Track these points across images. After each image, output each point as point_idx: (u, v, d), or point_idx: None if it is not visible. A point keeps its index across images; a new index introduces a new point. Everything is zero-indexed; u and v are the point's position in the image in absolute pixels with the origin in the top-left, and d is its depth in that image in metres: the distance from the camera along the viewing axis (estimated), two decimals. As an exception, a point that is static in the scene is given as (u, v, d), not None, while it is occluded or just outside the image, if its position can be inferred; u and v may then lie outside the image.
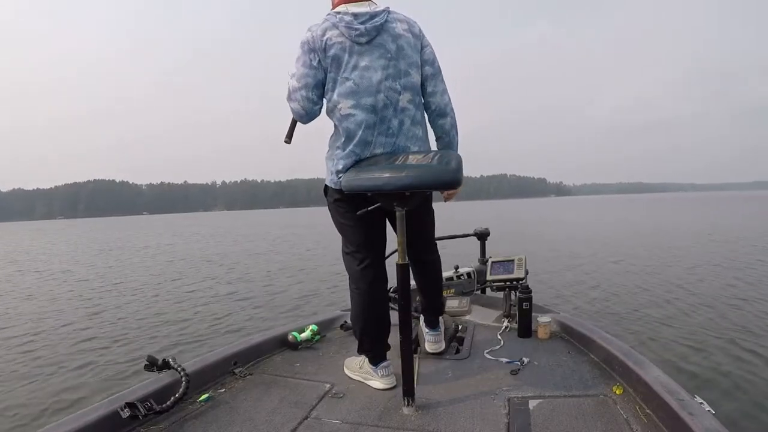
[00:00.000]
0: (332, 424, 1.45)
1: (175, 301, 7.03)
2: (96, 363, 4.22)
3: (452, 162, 1.43)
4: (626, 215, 29.56)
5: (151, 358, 1.66)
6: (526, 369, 1.79)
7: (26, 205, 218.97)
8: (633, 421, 1.34)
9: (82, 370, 4.04)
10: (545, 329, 2.12)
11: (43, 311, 6.71)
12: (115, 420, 1.35)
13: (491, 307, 2.54)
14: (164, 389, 1.55)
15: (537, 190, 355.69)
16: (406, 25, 1.65)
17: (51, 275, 10.95)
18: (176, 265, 11.62)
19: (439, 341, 1.99)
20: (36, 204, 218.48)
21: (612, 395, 1.51)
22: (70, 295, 8.02)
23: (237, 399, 1.63)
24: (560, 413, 1.42)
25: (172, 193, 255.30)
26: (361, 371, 1.77)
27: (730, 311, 4.92)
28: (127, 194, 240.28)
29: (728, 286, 6.19)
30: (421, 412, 1.49)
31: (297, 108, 1.65)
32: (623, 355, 1.64)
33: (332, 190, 1.69)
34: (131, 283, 9.07)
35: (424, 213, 1.82)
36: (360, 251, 1.73)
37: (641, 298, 5.69)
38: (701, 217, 23.52)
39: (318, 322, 2.32)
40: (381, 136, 1.60)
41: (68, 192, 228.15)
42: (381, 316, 1.75)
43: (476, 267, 3.00)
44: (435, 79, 1.70)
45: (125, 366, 4.10)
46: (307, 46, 1.59)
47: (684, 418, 1.18)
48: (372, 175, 1.45)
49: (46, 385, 3.74)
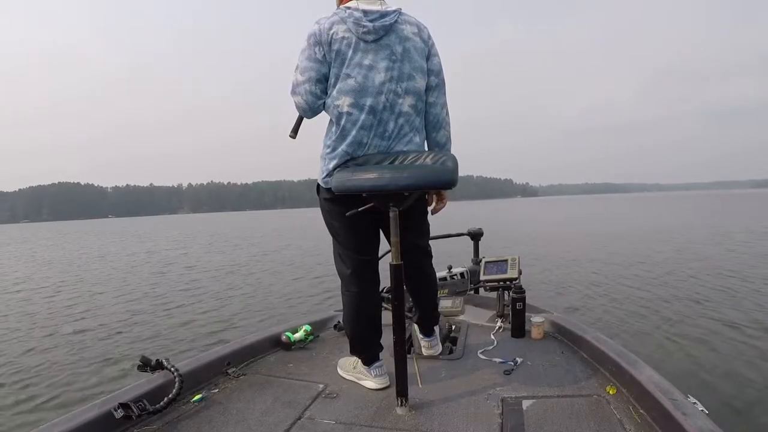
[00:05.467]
0: (326, 424, 1.44)
1: (168, 302, 6.98)
2: (89, 363, 4.18)
3: (449, 162, 1.43)
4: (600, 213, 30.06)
5: (145, 359, 1.66)
6: (520, 369, 1.79)
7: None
8: (626, 421, 1.35)
9: (75, 371, 3.99)
10: (538, 329, 2.13)
11: (37, 312, 6.65)
12: (109, 420, 1.34)
13: (484, 307, 2.55)
14: (157, 390, 1.54)
15: (503, 191, 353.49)
16: (416, 28, 1.62)
17: (50, 277, 10.84)
18: (167, 267, 11.54)
19: (435, 345, 1.99)
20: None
21: (605, 395, 1.52)
22: (62, 297, 7.96)
23: (230, 399, 1.63)
24: (553, 413, 1.42)
25: (137, 196, 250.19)
26: (354, 371, 1.77)
27: (723, 309, 4.96)
28: (92, 197, 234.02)
29: (721, 284, 6.25)
30: (415, 412, 1.49)
31: (300, 102, 1.61)
32: (616, 355, 1.65)
33: (324, 190, 1.64)
34: (124, 285, 9.00)
35: (420, 216, 1.78)
36: (351, 253, 1.70)
37: (634, 298, 5.72)
38: (677, 215, 24.09)
39: (311, 322, 2.32)
40: (377, 138, 1.56)
41: (32, 195, 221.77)
42: (373, 318, 1.74)
43: (469, 267, 3.00)
44: (438, 90, 1.67)
45: (118, 366, 4.07)
46: (313, 39, 1.55)
47: (677, 417, 1.19)
48: (371, 175, 1.42)
49: (40, 386, 3.69)
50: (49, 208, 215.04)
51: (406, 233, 1.54)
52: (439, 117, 1.68)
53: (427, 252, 1.86)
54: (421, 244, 1.83)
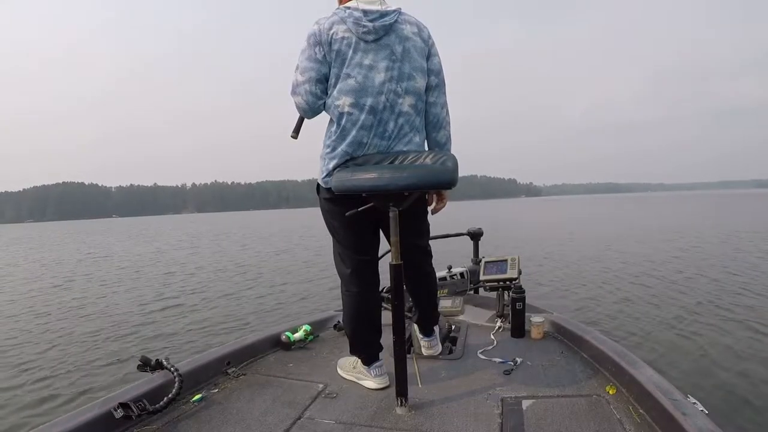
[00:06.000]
0: (325, 424, 1.44)
1: (169, 301, 6.98)
2: (89, 363, 4.17)
3: (448, 162, 1.43)
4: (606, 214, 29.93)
5: (145, 359, 1.66)
6: (519, 369, 1.79)
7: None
8: (626, 421, 1.35)
9: (75, 371, 3.99)
10: (538, 329, 2.13)
11: (36, 312, 6.65)
12: (108, 420, 1.34)
13: (484, 307, 2.54)
14: (157, 389, 1.54)
15: (507, 191, 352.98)
16: (416, 28, 1.61)
17: (52, 276, 10.85)
18: (170, 267, 11.54)
19: (435, 345, 1.99)
20: (4, 208, 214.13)
21: (605, 395, 1.52)
22: (62, 297, 7.95)
23: (230, 399, 1.63)
24: (553, 413, 1.42)
25: (141, 196, 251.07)
26: (354, 371, 1.77)
27: (723, 310, 4.96)
28: (96, 197, 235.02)
29: (721, 284, 6.25)
30: (415, 412, 1.49)
31: (300, 102, 1.61)
32: (616, 355, 1.65)
33: (324, 189, 1.64)
34: (124, 285, 9.00)
35: (420, 216, 1.78)
36: (351, 253, 1.70)
37: (634, 298, 5.72)
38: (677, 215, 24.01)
39: (311, 322, 2.32)
40: (377, 138, 1.56)
41: (37, 195, 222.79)
42: (372, 318, 1.74)
43: (469, 267, 3.00)
44: (438, 90, 1.66)
45: (118, 366, 4.07)
46: (313, 39, 1.55)
47: (677, 417, 1.19)
48: (370, 175, 1.42)
49: (39, 386, 3.69)
50: (54, 207, 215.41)
51: (406, 233, 1.54)
52: (439, 117, 1.68)
53: (427, 252, 1.86)
54: (421, 243, 1.82)
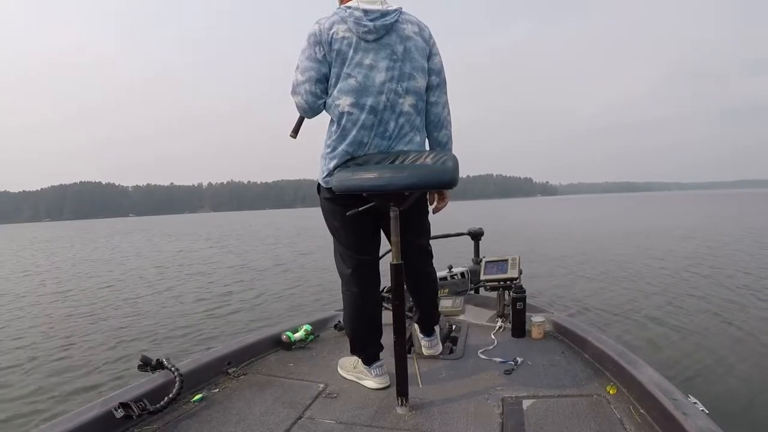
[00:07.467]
0: (326, 424, 1.44)
1: (169, 301, 6.99)
2: (89, 363, 4.18)
3: (449, 162, 1.42)
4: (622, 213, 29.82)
5: (145, 358, 1.65)
6: (520, 369, 1.79)
7: (13, 207, 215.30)
8: (627, 421, 1.35)
9: (76, 370, 4.00)
10: (539, 329, 2.13)
11: (37, 311, 6.65)
12: (109, 420, 1.34)
13: (485, 307, 2.54)
14: (158, 389, 1.54)
15: (523, 190, 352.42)
16: (417, 27, 1.61)
17: (53, 275, 10.85)
18: (175, 267, 11.54)
19: (435, 345, 1.99)
20: (22, 207, 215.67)
21: (606, 395, 1.52)
22: (64, 296, 7.96)
23: (231, 399, 1.63)
24: (554, 413, 1.42)
25: (158, 195, 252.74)
26: (354, 371, 1.77)
27: (724, 310, 4.96)
28: (113, 196, 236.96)
29: (722, 285, 6.25)
30: (415, 412, 1.49)
31: (300, 102, 1.60)
32: (617, 355, 1.65)
33: (324, 189, 1.64)
34: (125, 284, 9.00)
35: (421, 215, 1.78)
36: (352, 253, 1.70)
37: (635, 298, 5.72)
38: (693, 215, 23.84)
39: (312, 322, 2.32)
40: (377, 137, 1.56)
41: (54, 194, 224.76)
42: (373, 318, 1.74)
43: (470, 267, 3.00)
44: (439, 89, 1.66)
45: (119, 366, 4.07)
46: (314, 39, 1.55)
47: (678, 417, 1.19)
48: (371, 175, 1.42)
49: (40, 386, 3.70)
50: (71, 207, 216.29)
51: (407, 233, 1.54)
52: (440, 116, 1.68)
53: (427, 251, 1.86)
54: (422, 243, 1.82)
